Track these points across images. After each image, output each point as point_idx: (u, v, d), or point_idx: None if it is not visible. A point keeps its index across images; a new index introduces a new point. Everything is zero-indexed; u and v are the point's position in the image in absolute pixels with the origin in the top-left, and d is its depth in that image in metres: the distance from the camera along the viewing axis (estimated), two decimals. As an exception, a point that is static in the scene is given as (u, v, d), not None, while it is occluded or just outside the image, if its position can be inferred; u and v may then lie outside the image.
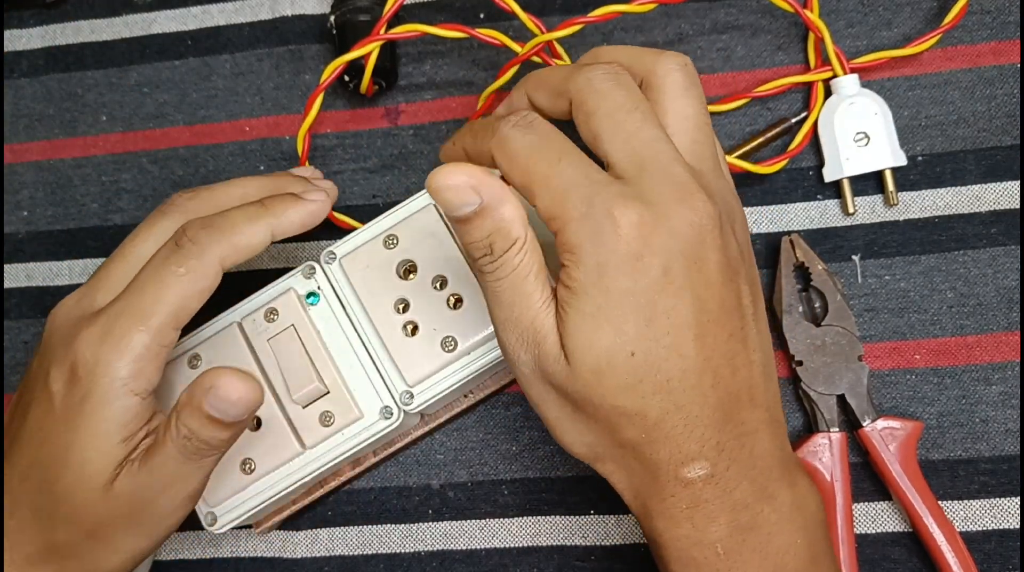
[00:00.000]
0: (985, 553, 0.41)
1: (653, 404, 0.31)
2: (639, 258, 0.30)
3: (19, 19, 0.53)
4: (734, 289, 0.32)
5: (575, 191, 0.31)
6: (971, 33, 0.45)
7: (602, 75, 0.33)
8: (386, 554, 0.45)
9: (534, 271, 0.32)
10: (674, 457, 0.32)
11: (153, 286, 0.35)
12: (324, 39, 0.49)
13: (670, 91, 0.34)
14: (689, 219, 0.31)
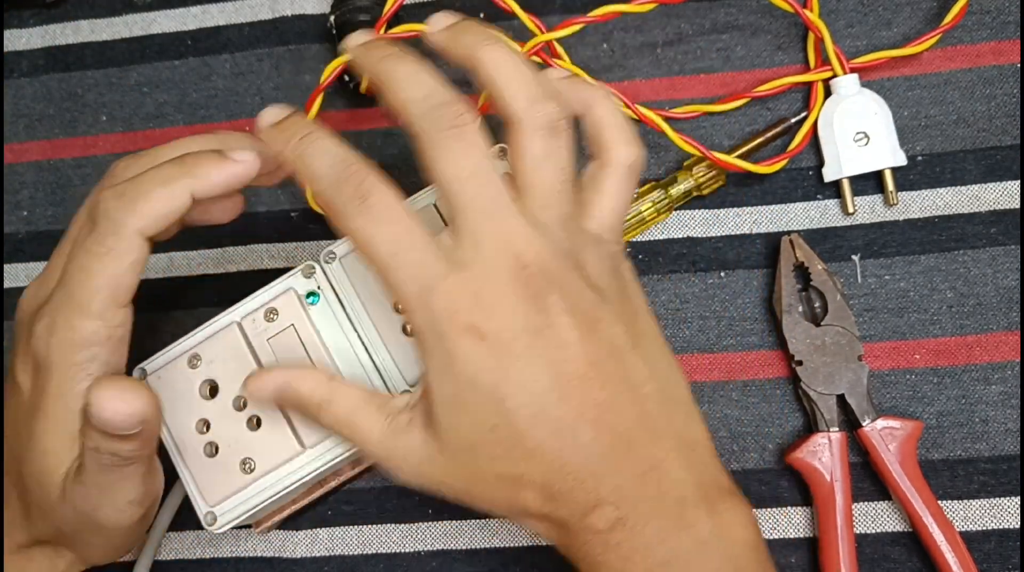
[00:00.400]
0: (985, 553, 0.41)
1: (533, 468, 0.32)
2: (480, 340, 0.31)
3: (19, 19, 0.53)
4: (597, 338, 0.32)
5: (411, 284, 0.32)
6: (971, 33, 0.45)
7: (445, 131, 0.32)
8: (386, 554, 0.45)
9: (351, 415, 0.34)
10: (576, 511, 0.32)
11: (79, 273, 0.35)
12: (324, 39, 0.49)
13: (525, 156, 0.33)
14: (522, 293, 0.31)
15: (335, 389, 0.35)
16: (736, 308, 0.45)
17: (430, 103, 0.32)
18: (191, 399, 0.40)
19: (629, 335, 0.33)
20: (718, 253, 0.45)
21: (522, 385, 0.31)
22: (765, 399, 0.44)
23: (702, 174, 0.44)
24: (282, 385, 0.35)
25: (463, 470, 0.33)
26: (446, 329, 0.31)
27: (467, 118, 0.32)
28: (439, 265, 0.32)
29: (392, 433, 0.34)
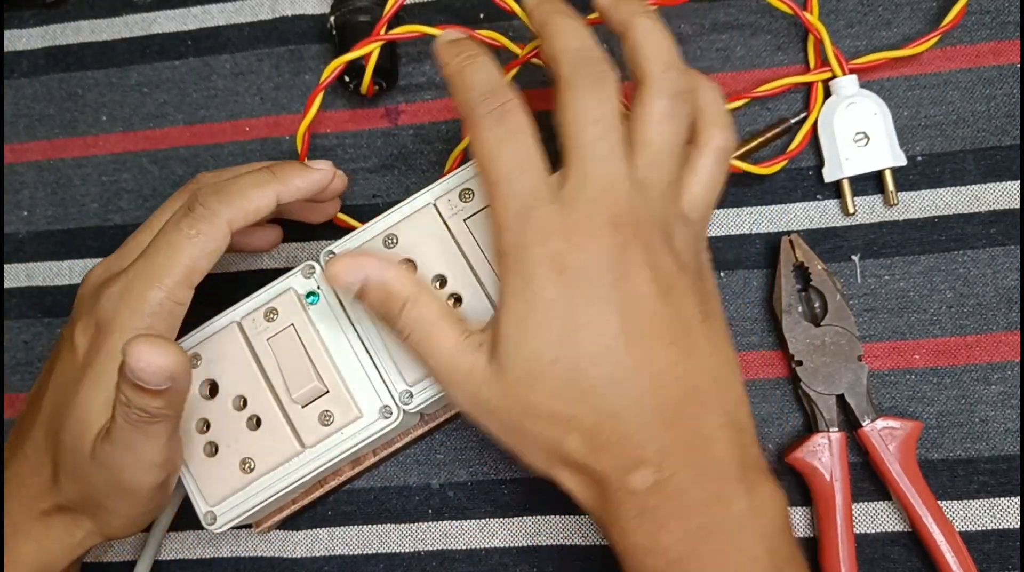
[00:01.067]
0: (984, 553, 0.41)
1: (584, 410, 0.32)
2: (563, 270, 0.32)
3: (19, 19, 0.53)
4: (672, 301, 0.33)
5: (516, 202, 0.33)
6: (970, 33, 0.45)
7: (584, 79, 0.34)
8: (386, 554, 0.45)
9: (434, 322, 0.35)
10: (618, 466, 0.33)
11: (167, 248, 0.37)
12: (324, 39, 0.49)
13: (646, 114, 0.35)
14: (613, 240, 0.33)
15: (422, 291, 0.35)
16: (736, 308, 0.45)
17: (583, 54, 0.35)
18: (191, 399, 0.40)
19: (699, 310, 0.34)
20: (718, 253, 0.45)
21: (591, 324, 0.32)
22: (765, 399, 0.44)
23: (702, 174, 0.44)
24: (374, 273, 0.36)
25: (517, 402, 0.33)
26: (533, 252, 0.33)
27: (611, 75, 0.34)
28: (545, 193, 0.33)
29: (462, 350, 0.34)
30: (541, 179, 0.33)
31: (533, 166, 0.34)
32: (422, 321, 0.35)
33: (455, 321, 0.35)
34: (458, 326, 0.35)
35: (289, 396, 0.39)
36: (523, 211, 0.33)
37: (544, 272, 0.33)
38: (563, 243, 0.33)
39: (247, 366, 0.40)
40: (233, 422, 0.39)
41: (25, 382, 0.49)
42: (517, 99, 0.34)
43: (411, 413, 0.40)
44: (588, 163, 0.33)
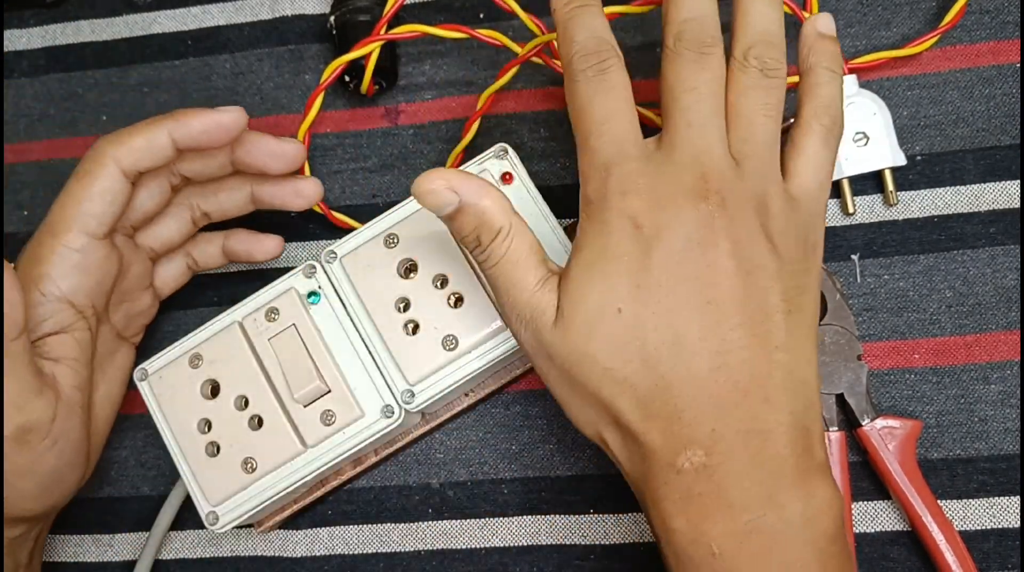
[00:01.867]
0: (984, 552, 0.41)
1: (639, 373, 0.32)
2: (638, 227, 0.32)
3: (19, 19, 0.53)
4: (753, 282, 0.32)
5: (603, 155, 0.33)
6: (970, 33, 0.45)
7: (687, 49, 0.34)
8: (386, 553, 0.45)
9: (523, 256, 0.34)
10: (667, 441, 0.31)
11: (60, 196, 0.39)
12: (324, 39, 0.49)
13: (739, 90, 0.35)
14: (697, 206, 0.32)
15: (518, 223, 0.34)
16: (736, 308, 0.45)
17: (692, 26, 0.35)
18: (192, 399, 0.40)
19: (784, 299, 0.32)
20: (718, 253, 0.45)
21: (659, 284, 0.32)
22: (765, 398, 0.44)
23: (702, 174, 0.44)
24: (474, 198, 0.34)
25: (575, 349, 0.33)
26: (613, 204, 0.33)
27: (715, 49, 0.34)
28: (635, 152, 0.33)
29: (543, 289, 0.34)
30: (631, 135, 0.34)
31: (624, 121, 0.34)
32: (512, 255, 0.34)
33: (541, 260, 0.35)
34: (543, 266, 0.34)
35: (291, 396, 0.39)
36: (609, 164, 0.33)
37: (621, 225, 0.32)
38: (644, 201, 0.32)
39: (249, 366, 0.40)
40: (235, 422, 0.39)
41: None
42: (618, 59, 0.34)
43: (412, 412, 0.40)
44: (681, 129, 0.33)
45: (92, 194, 0.38)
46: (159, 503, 0.45)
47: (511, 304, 0.34)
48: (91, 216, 0.38)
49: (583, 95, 0.34)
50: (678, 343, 0.31)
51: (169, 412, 0.40)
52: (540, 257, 0.35)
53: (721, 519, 0.31)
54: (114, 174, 0.38)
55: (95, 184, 0.38)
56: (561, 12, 0.36)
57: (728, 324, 0.32)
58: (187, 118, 0.39)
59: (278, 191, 0.43)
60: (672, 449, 0.31)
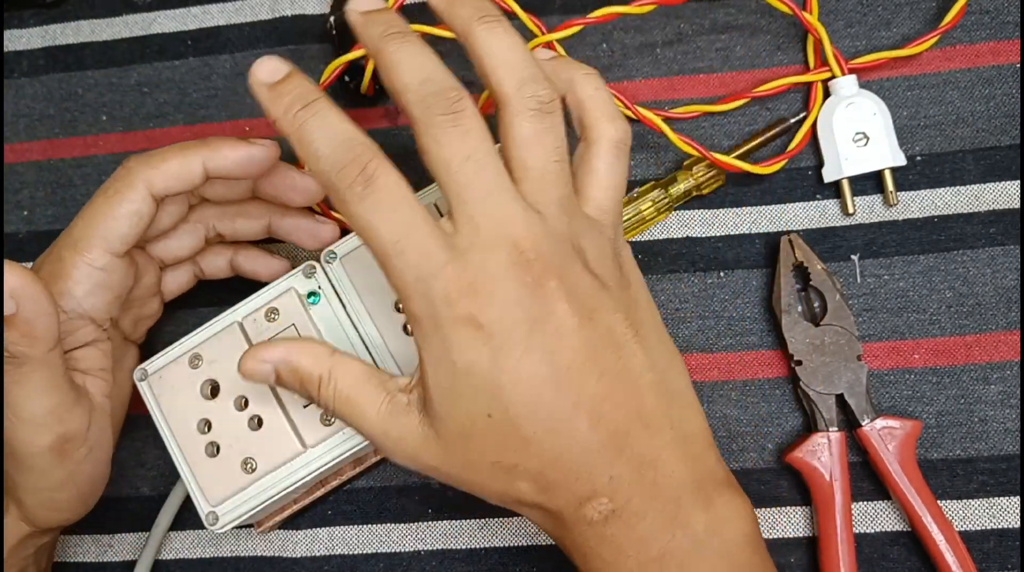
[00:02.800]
0: (984, 552, 0.41)
1: (528, 459, 0.32)
2: (477, 329, 0.31)
3: (19, 19, 0.53)
4: (596, 326, 0.32)
5: (411, 271, 0.31)
6: (970, 33, 0.45)
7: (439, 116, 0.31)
8: (386, 553, 0.45)
9: (352, 391, 0.34)
10: (570, 502, 0.32)
11: (86, 211, 0.38)
12: (324, 39, 0.49)
13: (515, 138, 0.32)
14: (520, 280, 0.31)
15: (336, 363, 0.34)
16: (735, 308, 0.45)
17: (428, 89, 0.31)
18: (192, 399, 0.40)
19: (628, 324, 0.33)
20: (717, 253, 0.45)
21: (519, 375, 0.31)
22: (764, 399, 0.44)
23: (702, 174, 0.44)
24: (281, 360, 0.34)
25: (458, 458, 0.33)
26: (443, 318, 0.31)
27: (464, 103, 0.31)
28: (440, 254, 0.31)
29: (390, 414, 0.33)
30: (429, 238, 0.31)
31: (416, 228, 0.31)
32: (341, 395, 0.34)
33: (377, 383, 0.34)
34: (380, 390, 0.34)
35: (291, 396, 0.39)
36: (422, 279, 0.31)
37: (460, 335, 0.31)
38: (472, 301, 0.31)
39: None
40: (235, 422, 0.39)
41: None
42: (376, 157, 0.31)
43: None
44: (472, 205, 0.31)
45: (119, 214, 0.37)
46: (159, 503, 0.45)
47: (368, 437, 0.34)
48: (117, 236, 0.37)
49: (362, 217, 0.31)
50: (554, 420, 0.31)
51: (169, 412, 0.40)
52: (374, 383, 0.34)
53: (634, 552, 0.32)
54: (144, 197, 0.37)
55: (124, 205, 0.37)
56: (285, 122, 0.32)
57: (590, 379, 0.31)
58: (222, 149, 0.38)
59: (295, 229, 0.43)
60: (578, 505, 0.32)
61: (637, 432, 0.32)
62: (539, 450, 0.31)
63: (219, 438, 0.39)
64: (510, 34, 0.33)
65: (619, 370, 0.32)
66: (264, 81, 0.32)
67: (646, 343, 0.33)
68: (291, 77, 0.32)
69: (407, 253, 0.31)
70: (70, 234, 0.38)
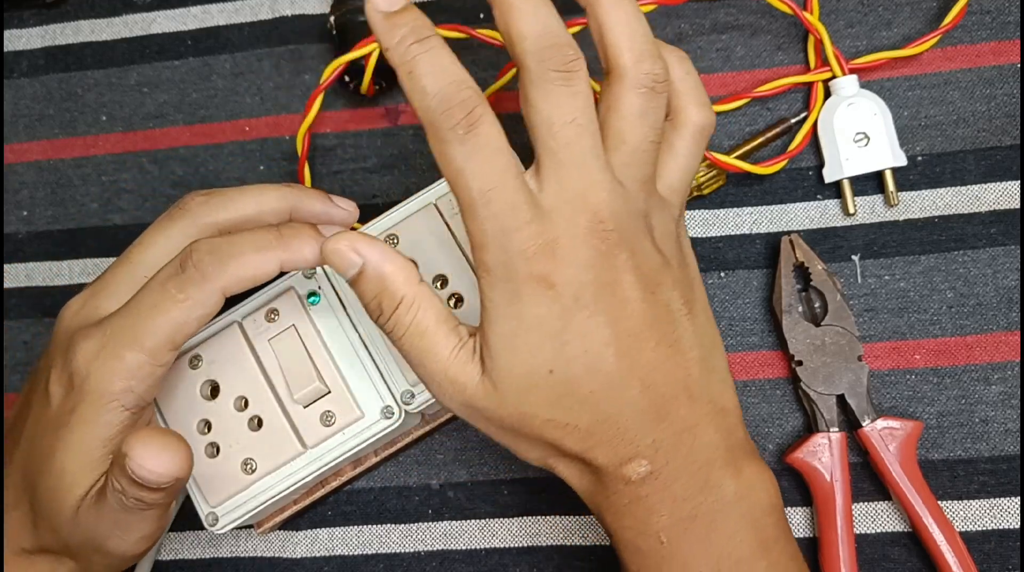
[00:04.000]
0: (985, 553, 0.41)
1: (581, 416, 0.33)
2: (550, 287, 0.32)
3: (19, 19, 0.53)
4: (656, 299, 0.33)
5: (494, 222, 0.31)
6: (971, 33, 0.45)
7: (553, 72, 0.31)
8: (386, 554, 0.45)
9: (431, 326, 0.33)
10: (613, 460, 0.33)
11: (150, 309, 0.35)
12: (324, 39, 0.49)
13: (620, 110, 0.33)
14: (596, 247, 0.32)
15: (423, 292, 0.34)
16: (736, 308, 0.45)
17: (545, 41, 0.31)
18: (192, 399, 0.40)
19: (684, 301, 0.34)
20: (718, 253, 0.45)
21: (583, 335, 0.32)
22: (765, 399, 0.44)
23: (702, 174, 0.44)
24: (376, 262, 0.33)
25: (513, 410, 0.33)
26: (519, 271, 0.32)
27: (580, 64, 0.32)
28: (525, 210, 0.31)
29: (459, 358, 0.33)
30: (518, 193, 0.31)
31: (507, 181, 0.31)
32: (419, 325, 0.33)
33: (452, 328, 0.34)
34: (454, 334, 0.34)
35: (290, 397, 0.39)
36: (504, 231, 0.31)
37: (531, 290, 0.32)
38: (548, 260, 0.31)
39: (248, 367, 0.40)
40: (234, 423, 0.39)
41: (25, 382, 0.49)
42: (482, 104, 0.31)
43: (413, 413, 0.40)
44: (564, 168, 0.32)
45: (192, 320, 0.35)
46: (159, 504, 0.45)
47: (427, 375, 0.34)
48: (184, 336, 0.35)
49: (457, 160, 0.31)
50: (609, 382, 0.32)
51: (169, 413, 0.40)
52: (450, 326, 0.34)
53: (667, 512, 0.33)
54: (217, 302, 0.35)
55: (197, 310, 0.35)
56: (397, 54, 0.31)
57: (647, 347, 0.33)
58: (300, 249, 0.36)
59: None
60: (619, 463, 0.33)
61: (681, 401, 0.33)
62: (593, 408, 0.33)
63: (219, 439, 0.39)
64: (635, 7, 0.33)
65: (672, 342, 0.33)
66: (381, 9, 0.32)
67: (696, 321, 0.35)
68: (408, 9, 0.32)
69: (494, 203, 0.31)
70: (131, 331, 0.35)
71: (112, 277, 0.38)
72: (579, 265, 0.32)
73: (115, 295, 0.37)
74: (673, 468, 0.33)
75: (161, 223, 0.38)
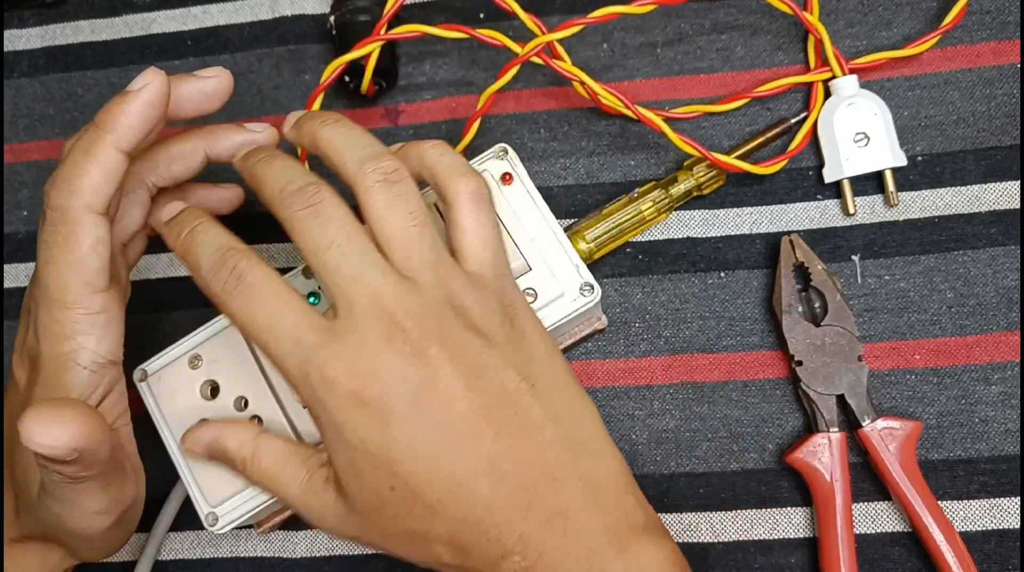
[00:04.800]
0: (984, 553, 0.41)
1: (436, 524, 0.32)
2: (363, 407, 0.31)
3: (19, 19, 0.53)
4: (484, 386, 0.32)
5: (290, 359, 0.32)
6: (971, 33, 0.45)
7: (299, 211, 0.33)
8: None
9: (274, 470, 0.35)
10: (486, 562, 0.32)
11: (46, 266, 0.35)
12: (324, 39, 0.49)
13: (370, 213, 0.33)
14: (398, 353, 0.31)
15: (260, 444, 0.36)
16: (736, 308, 0.45)
17: (287, 190, 0.33)
18: (192, 400, 0.40)
19: (522, 378, 0.33)
20: (718, 253, 0.45)
21: (411, 448, 0.32)
22: (765, 399, 0.44)
23: (702, 174, 0.44)
24: (212, 441, 0.36)
25: (374, 528, 0.34)
26: (328, 401, 0.32)
27: (322, 195, 0.33)
28: (316, 336, 0.32)
29: (310, 490, 0.35)
30: (306, 323, 0.32)
31: (291, 313, 0.32)
32: (264, 474, 0.35)
33: (299, 461, 0.35)
34: (303, 466, 0.35)
35: (291, 396, 0.39)
36: (302, 365, 0.32)
37: (346, 414, 0.32)
38: (353, 380, 0.31)
39: (248, 367, 0.40)
40: (234, 423, 0.39)
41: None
42: (249, 253, 0.33)
43: None
44: (344, 286, 0.32)
45: (84, 253, 0.34)
46: (159, 504, 0.45)
47: (294, 509, 0.36)
48: (95, 272, 0.35)
49: (237, 311, 0.33)
50: (454, 484, 0.32)
51: (169, 413, 0.40)
52: (295, 461, 0.35)
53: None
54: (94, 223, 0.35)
55: (82, 243, 0.34)
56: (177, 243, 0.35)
57: (486, 440, 0.32)
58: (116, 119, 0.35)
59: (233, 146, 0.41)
60: (493, 564, 0.32)
61: (543, 487, 0.32)
62: (444, 515, 0.32)
63: (219, 439, 0.39)
64: (347, 126, 0.35)
65: (517, 427, 0.32)
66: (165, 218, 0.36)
67: (544, 396, 0.33)
68: (183, 212, 0.36)
69: (280, 340, 0.32)
70: (47, 292, 0.35)
71: None
72: (386, 375, 0.31)
73: None
74: (549, 559, 0.32)
75: None
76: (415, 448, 0.32)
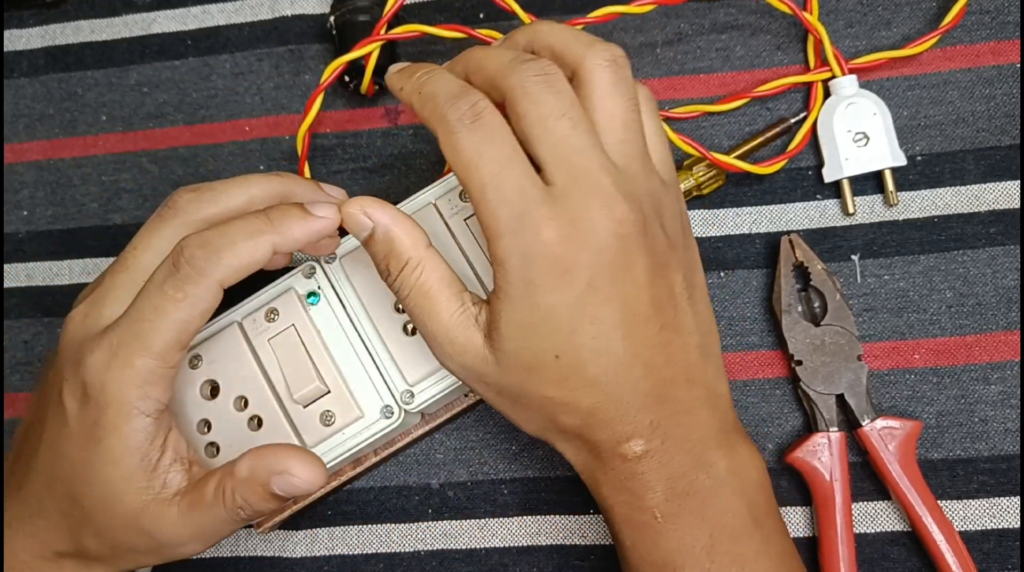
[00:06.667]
0: (984, 552, 0.41)
1: (583, 397, 0.34)
2: (565, 273, 0.32)
3: (19, 19, 0.53)
4: (664, 283, 0.34)
5: (507, 208, 0.32)
6: (970, 33, 0.45)
7: (533, 77, 0.33)
8: (386, 553, 0.45)
9: (434, 288, 0.35)
10: (611, 438, 0.34)
11: (152, 312, 0.34)
12: (324, 39, 0.49)
13: (597, 88, 0.34)
14: (613, 230, 0.32)
15: (430, 255, 0.35)
16: (736, 308, 0.45)
17: (519, 60, 0.34)
18: (192, 399, 0.40)
19: (686, 285, 0.35)
20: (718, 253, 0.45)
21: (595, 319, 0.33)
22: (765, 399, 0.44)
23: (702, 174, 0.44)
24: (385, 225, 0.35)
25: (513, 386, 0.34)
26: (534, 256, 0.32)
27: (556, 68, 0.34)
28: (535, 192, 0.32)
29: (460, 322, 0.34)
30: (529, 178, 0.32)
31: (518, 165, 0.32)
32: (424, 285, 0.35)
33: (455, 292, 0.35)
34: (457, 298, 0.35)
35: (290, 396, 0.39)
36: (517, 217, 0.32)
37: (546, 276, 0.32)
38: (563, 243, 0.32)
39: (248, 366, 0.40)
40: (234, 423, 0.39)
41: (25, 382, 0.49)
42: (485, 99, 0.33)
43: (412, 413, 0.40)
44: (570, 158, 0.32)
45: (194, 317, 0.35)
46: (159, 503, 0.45)
47: (429, 335, 0.35)
48: (190, 334, 0.35)
49: (465, 148, 0.32)
50: (616, 363, 0.33)
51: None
52: (454, 290, 0.35)
53: (662, 489, 0.34)
54: (216, 295, 0.35)
55: (198, 306, 0.35)
56: (408, 87, 0.35)
57: (652, 331, 0.34)
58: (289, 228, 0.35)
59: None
60: (617, 441, 0.34)
61: (680, 384, 0.34)
62: (597, 390, 0.33)
63: (219, 438, 0.39)
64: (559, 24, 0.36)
65: (674, 326, 0.34)
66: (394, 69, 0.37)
67: (696, 306, 0.36)
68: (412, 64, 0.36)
69: (504, 187, 0.32)
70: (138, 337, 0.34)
71: (111, 283, 0.38)
72: (595, 248, 0.32)
73: (116, 302, 0.37)
74: (669, 447, 0.34)
75: (152, 223, 0.38)
76: (598, 320, 0.33)
